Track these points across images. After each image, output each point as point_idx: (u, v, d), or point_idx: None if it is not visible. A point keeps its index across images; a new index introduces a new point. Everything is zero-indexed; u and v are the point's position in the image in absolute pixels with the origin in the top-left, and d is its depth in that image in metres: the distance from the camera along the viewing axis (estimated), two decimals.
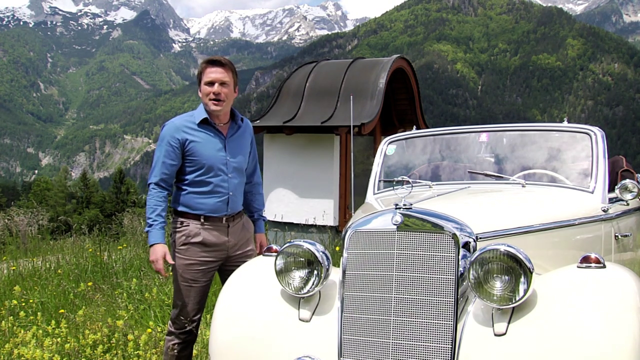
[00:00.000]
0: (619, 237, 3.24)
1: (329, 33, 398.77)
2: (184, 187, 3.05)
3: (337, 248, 6.25)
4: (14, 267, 6.27)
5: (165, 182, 3.04)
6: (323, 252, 2.43)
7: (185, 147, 3.01)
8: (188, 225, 3.04)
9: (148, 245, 3.03)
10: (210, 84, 2.98)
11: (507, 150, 3.59)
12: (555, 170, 3.32)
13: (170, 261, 3.02)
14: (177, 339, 3.08)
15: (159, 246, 2.98)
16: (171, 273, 3.21)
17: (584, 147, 3.28)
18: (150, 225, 2.99)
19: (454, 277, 2.12)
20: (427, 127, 9.67)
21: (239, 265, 2.99)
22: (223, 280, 3.18)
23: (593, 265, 2.12)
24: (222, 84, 2.98)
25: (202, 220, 3.02)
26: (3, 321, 4.24)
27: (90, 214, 39.98)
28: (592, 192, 3.11)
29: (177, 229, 3.07)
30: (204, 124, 3.04)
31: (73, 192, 61.19)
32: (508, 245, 2.06)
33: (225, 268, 3.14)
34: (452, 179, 3.58)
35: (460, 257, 2.15)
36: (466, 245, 2.20)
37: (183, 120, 3.06)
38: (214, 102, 2.98)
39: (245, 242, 3.21)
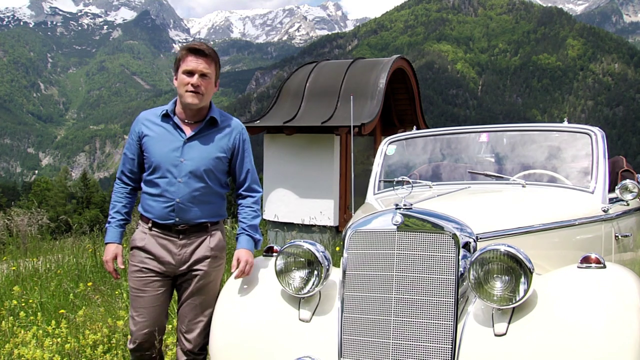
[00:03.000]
0: (619, 237, 3.23)
1: (329, 33, 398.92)
2: (142, 186, 2.73)
3: (337, 248, 6.24)
4: (14, 267, 6.26)
5: (128, 177, 2.76)
6: (323, 253, 2.43)
7: (140, 141, 2.68)
8: (137, 228, 2.73)
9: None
10: (190, 73, 2.58)
11: (507, 151, 3.59)
12: (555, 171, 3.32)
13: (121, 264, 2.73)
14: (132, 356, 2.71)
15: (111, 246, 2.72)
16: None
17: (584, 147, 3.28)
18: (109, 223, 2.75)
19: (454, 278, 2.12)
20: (427, 127, 9.67)
21: (191, 283, 2.65)
22: (178, 297, 2.75)
23: (593, 265, 2.12)
24: (203, 75, 2.59)
25: (150, 224, 2.66)
26: (3, 321, 4.23)
27: (91, 214, 40.03)
28: (593, 193, 3.11)
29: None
30: (166, 117, 2.68)
31: (73, 192, 61.26)
32: (508, 246, 2.06)
33: (180, 285, 2.71)
34: (453, 179, 3.57)
35: (460, 257, 2.15)
36: (466, 246, 2.20)
37: (150, 112, 2.75)
38: (192, 93, 2.58)
39: (205, 260, 2.66)
